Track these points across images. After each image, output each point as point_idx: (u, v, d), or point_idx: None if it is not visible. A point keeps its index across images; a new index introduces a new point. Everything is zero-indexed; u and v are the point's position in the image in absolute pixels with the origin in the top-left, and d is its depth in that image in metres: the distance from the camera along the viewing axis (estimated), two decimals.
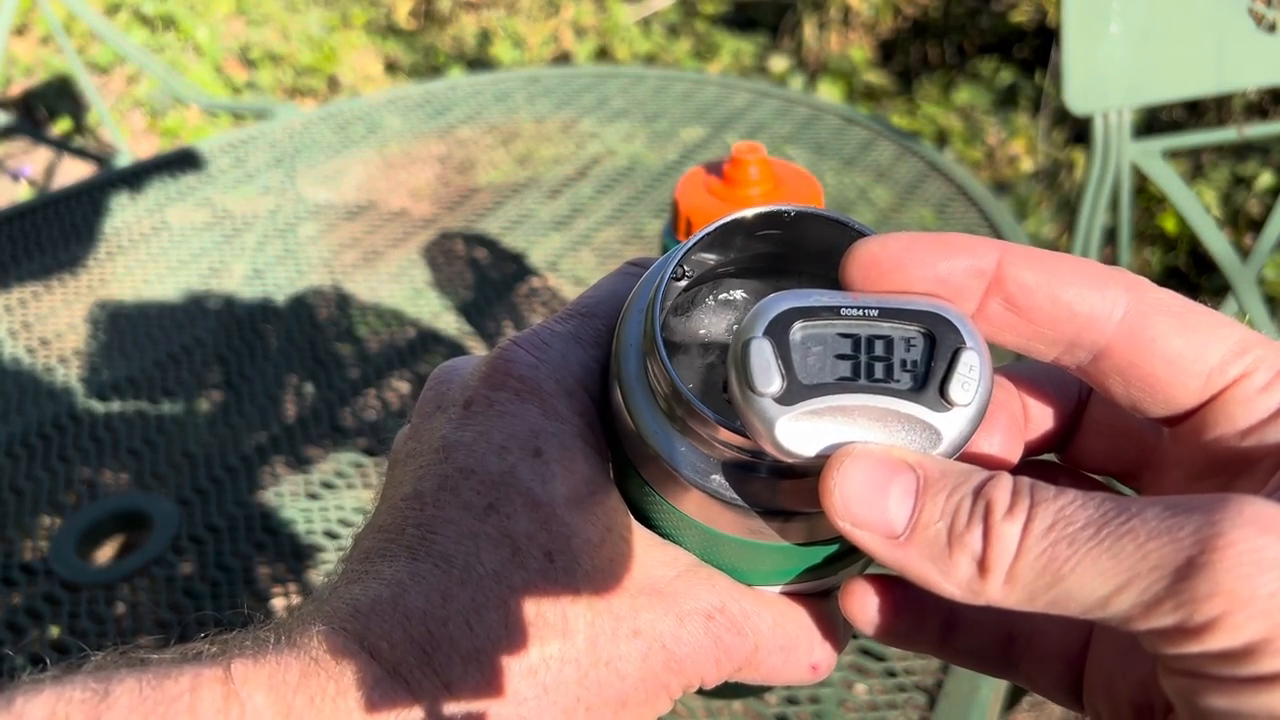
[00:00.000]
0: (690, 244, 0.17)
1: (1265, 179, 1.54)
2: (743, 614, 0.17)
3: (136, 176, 0.76)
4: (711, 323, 0.18)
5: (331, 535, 0.47)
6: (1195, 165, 1.60)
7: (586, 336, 0.18)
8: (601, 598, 0.16)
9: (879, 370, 0.15)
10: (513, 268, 0.65)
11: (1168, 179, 0.69)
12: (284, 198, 0.74)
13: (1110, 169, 0.68)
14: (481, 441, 0.16)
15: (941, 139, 1.77)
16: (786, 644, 0.18)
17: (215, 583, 0.44)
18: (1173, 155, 0.71)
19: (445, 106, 0.85)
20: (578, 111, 0.84)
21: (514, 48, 2.07)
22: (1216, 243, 0.70)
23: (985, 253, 0.15)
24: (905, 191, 0.71)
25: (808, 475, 0.15)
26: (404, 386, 0.55)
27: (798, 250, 0.17)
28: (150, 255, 0.68)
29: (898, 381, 0.15)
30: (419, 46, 2.17)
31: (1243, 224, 1.50)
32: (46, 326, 0.61)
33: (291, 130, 0.82)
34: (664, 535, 0.18)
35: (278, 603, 0.43)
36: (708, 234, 0.17)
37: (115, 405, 0.54)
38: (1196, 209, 0.70)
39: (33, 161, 1.79)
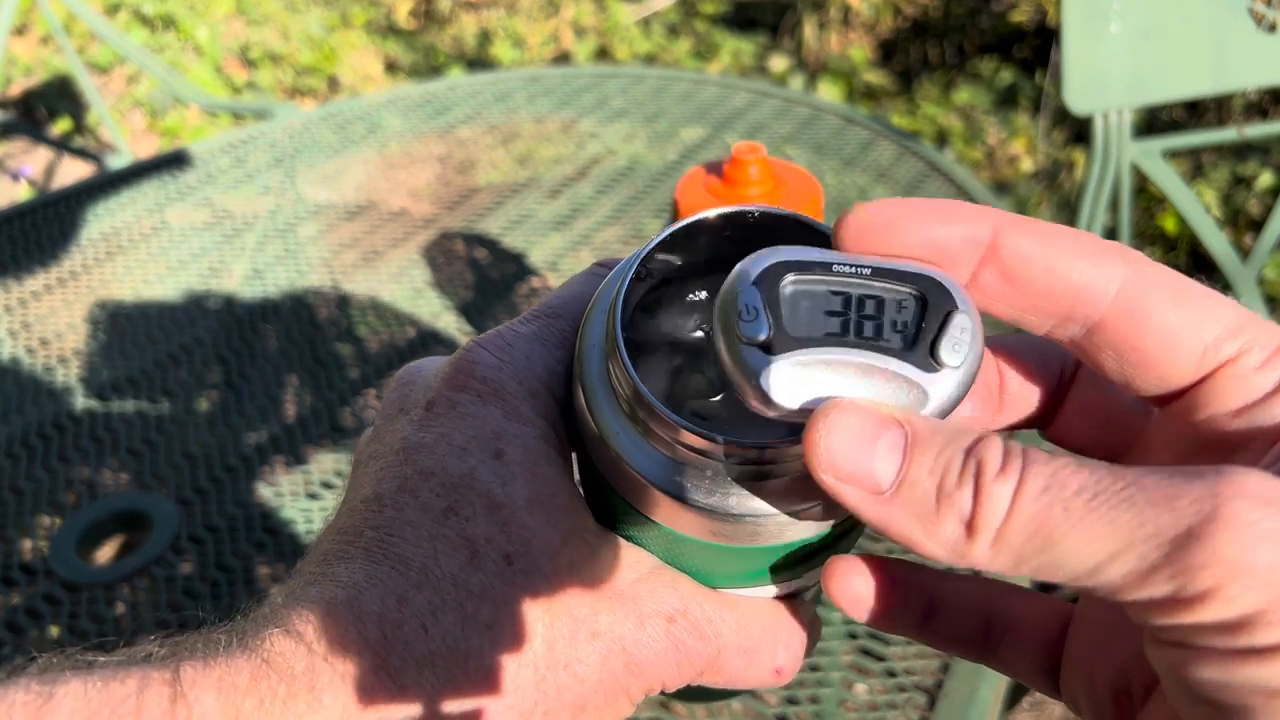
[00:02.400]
0: (653, 244, 0.17)
1: (1265, 179, 1.54)
2: (705, 617, 0.17)
3: (136, 176, 0.76)
4: (676, 324, 0.18)
5: None
6: (1195, 165, 1.60)
7: (551, 338, 0.18)
8: (560, 601, 0.16)
9: (869, 329, 0.14)
10: (513, 268, 0.65)
11: (1168, 179, 0.69)
12: (284, 198, 0.74)
13: (1110, 169, 0.68)
14: (442, 443, 0.16)
15: (941, 139, 1.77)
16: (750, 647, 0.17)
17: (215, 583, 0.44)
18: (1173, 155, 0.71)
19: (445, 106, 0.85)
20: (578, 111, 0.84)
21: (514, 48, 2.07)
22: (1216, 243, 0.70)
23: (981, 221, 0.15)
24: (905, 192, 0.71)
25: (770, 477, 0.15)
26: None
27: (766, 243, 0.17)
28: (150, 255, 0.68)
29: (887, 341, 0.14)
30: (419, 46, 2.17)
31: (1243, 224, 1.50)
32: (46, 326, 0.61)
33: (291, 130, 0.82)
34: (627, 538, 0.17)
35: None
36: (670, 234, 0.17)
37: (115, 405, 0.54)
38: (1196, 209, 0.70)
39: (33, 161, 1.79)
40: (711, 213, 0.17)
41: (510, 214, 0.71)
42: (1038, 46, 1.90)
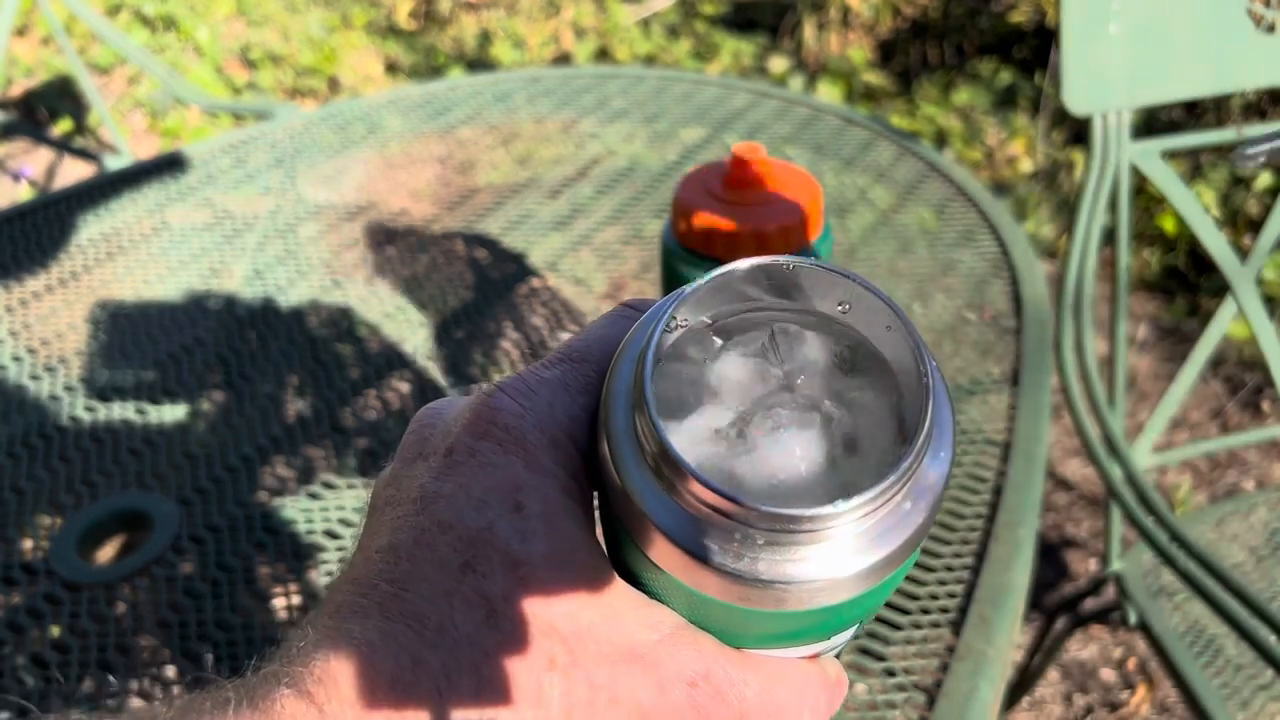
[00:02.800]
0: (685, 294, 0.17)
1: (1264, 179, 1.54)
2: (728, 680, 0.17)
3: (137, 177, 0.77)
4: (705, 375, 0.17)
5: (332, 535, 0.47)
6: (1194, 165, 1.60)
7: (575, 383, 0.18)
8: (578, 664, 0.16)
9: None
10: (513, 268, 0.65)
11: (1167, 179, 0.69)
12: (284, 198, 0.74)
13: (1109, 169, 0.68)
14: (461, 494, 0.16)
15: (941, 140, 1.77)
16: (774, 711, 0.17)
17: (216, 582, 0.44)
18: (1172, 156, 0.71)
19: (445, 107, 0.86)
20: (578, 112, 0.84)
21: (514, 48, 2.07)
22: (1215, 243, 0.70)
23: None
24: (905, 192, 0.71)
25: (800, 545, 0.15)
26: (404, 387, 0.56)
27: (799, 298, 0.17)
28: (151, 256, 0.68)
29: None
30: (419, 47, 2.17)
31: (1242, 224, 1.50)
32: (47, 327, 0.61)
33: (292, 131, 0.82)
34: (650, 594, 0.17)
35: (278, 602, 0.43)
36: (703, 285, 0.16)
37: (116, 405, 0.54)
38: (1195, 209, 0.70)
39: (33, 162, 1.79)
40: (744, 264, 0.17)
41: (510, 214, 0.71)
42: (1037, 47, 1.90)
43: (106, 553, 0.48)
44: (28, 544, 0.47)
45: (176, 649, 0.41)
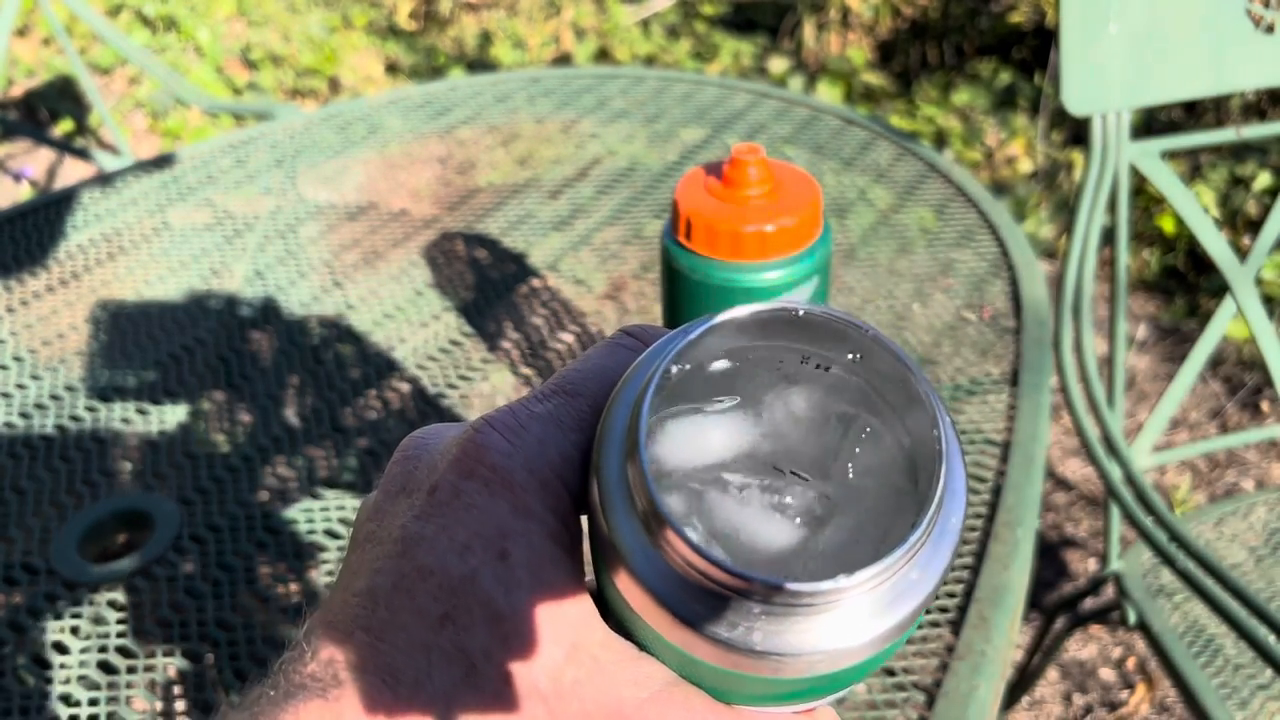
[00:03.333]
0: (688, 337, 0.15)
1: (1263, 179, 1.54)
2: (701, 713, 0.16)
3: (138, 177, 0.77)
4: (707, 431, 0.16)
5: (332, 535, 0.47)
6: (1194, 166, 1.60)
7: (569, 419, 0.16)
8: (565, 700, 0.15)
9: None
10: (513, 268, 0.65)
11: (1166, 180, 0.70)
12: (285, 198, 0.74)
13: (1108, 169, 0.68)
14: (444, 538, 0.15)
15: (940, 140, 1.77)
16: None
17: (216, 582, 0.44)
18: (1171, 156, 0.71)
19: (446, 107, 0.86)
20: (578, 112, 0.84)
21: (514, 49, 2.07)
22: (1215, 243, 0.70)
23: None
24: (904, 192, 0.71)
25: (799, 617, 0.14)
26: (404, 387, 0.56)
27: (809, 345, 0.16)
28: (151, 256, 0.68)
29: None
30: (420, 48, 2.17)
31: (1241, 224, 1.50)
32: (48, 327, 0.61)
33: (292, 131, 0.82)
34: (638, 644, 0.16)
35: (279, 602, 0.43)
36: (706, 329, 0.15)
37: (116, 405, 0.55)
38: (1195, 209, 0.70)
39: (34, 162, 1.79)
40: (747, 310, 0.16)
41: (510, 214, 0.71)
42: (1036, 47, 1.91)
43: (107, 553, 0.48)
44: (28, 544, 0.47)
45: (177, 649, 0.41)
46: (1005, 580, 0.41)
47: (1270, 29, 0.66)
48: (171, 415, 0.54)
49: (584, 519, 0.16)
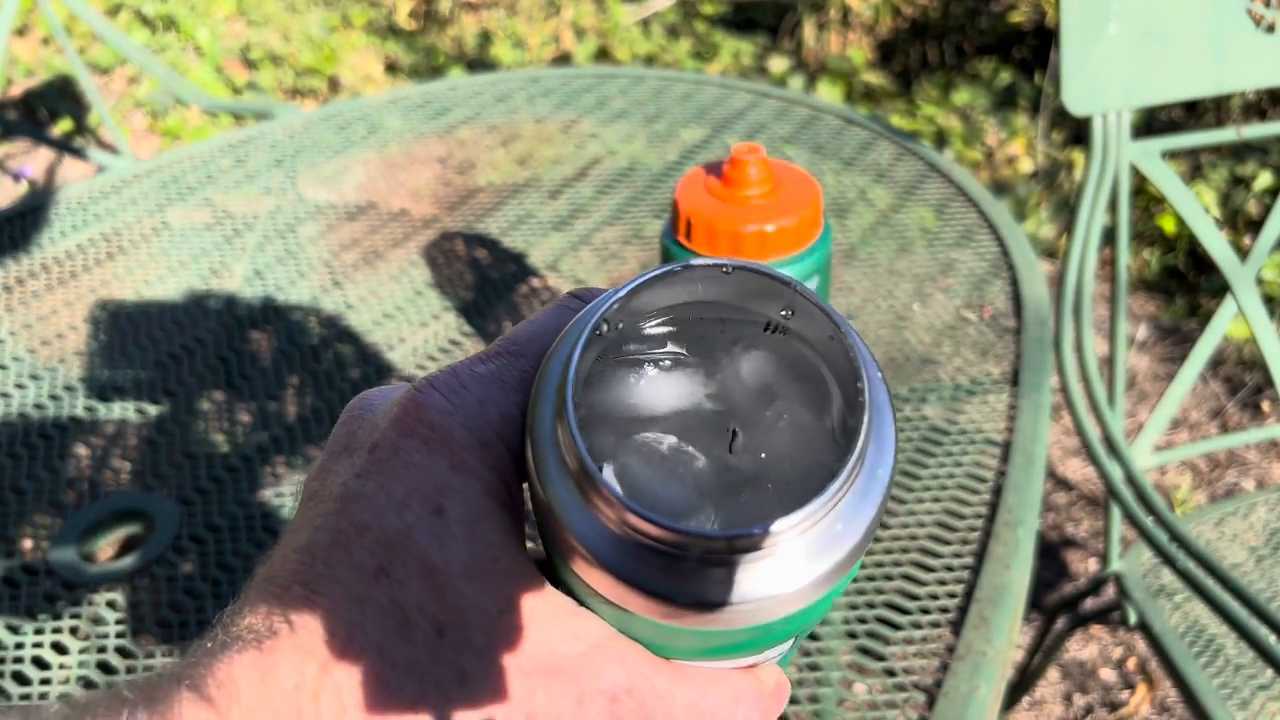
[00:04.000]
0: (618, 295, 0.16)
1: (1264, 179, 1.54)
2: (654, 693, 0.16)
3: (137, 177, 0.77)
4: (636, 384, 0.16)
5: None
6: (1194, 165, 1.60)
7: (510, 379, 0.17)
8: (492, 678, 0.15)
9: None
10: (513, 268, 0.65)
11: (1166, 179, 0.69)
12: (284, 198, 0.74)
13: (1109, 169, 0.68)
14: (381, 495, 0.15)
15: (941, 140, 1.77)
16: (726, 715, 0.17)
17: (216, 582, 0.44)
18: (1172, 155, 0.71)
19: (446, 107, 0.86)
20: (578, 112, 0.84)
21: (514, 48, 2.07)
22: (1215, 243, 0.70)
23: None
24: (905, 192, 0.71)
25: (729, 566, 0.14)
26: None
27: (741, 303, 0.16)
28: (151, 256, 0.68)
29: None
30: (419, 47, 2.17)
31: (1241, 224, 1.50)
32: (48, 327, 0.61)
33: (292, 131, 0.82)
34: (576, 600, 0.16)
35: None
36: (636, 285, 0.16)
37: (116, 405, 0.54)
38: (1195, 209, 0.70)
39: (34, 162, 1.79)
40: (680, 265, 0.16)
41: (510, 214, 0.71)
42: (1036, 47, 1.91)
43: (107, 552, 0.48)
44: (28, 544, 0.47)
45: (177, 649, 0.41)
46: (1006, 580, 0.41)
47: (1271, 28, 0.66)
48: (171, 415, 0.54)
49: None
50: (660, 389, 0.16)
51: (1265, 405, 1.31)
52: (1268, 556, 0.72)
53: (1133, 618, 0.69)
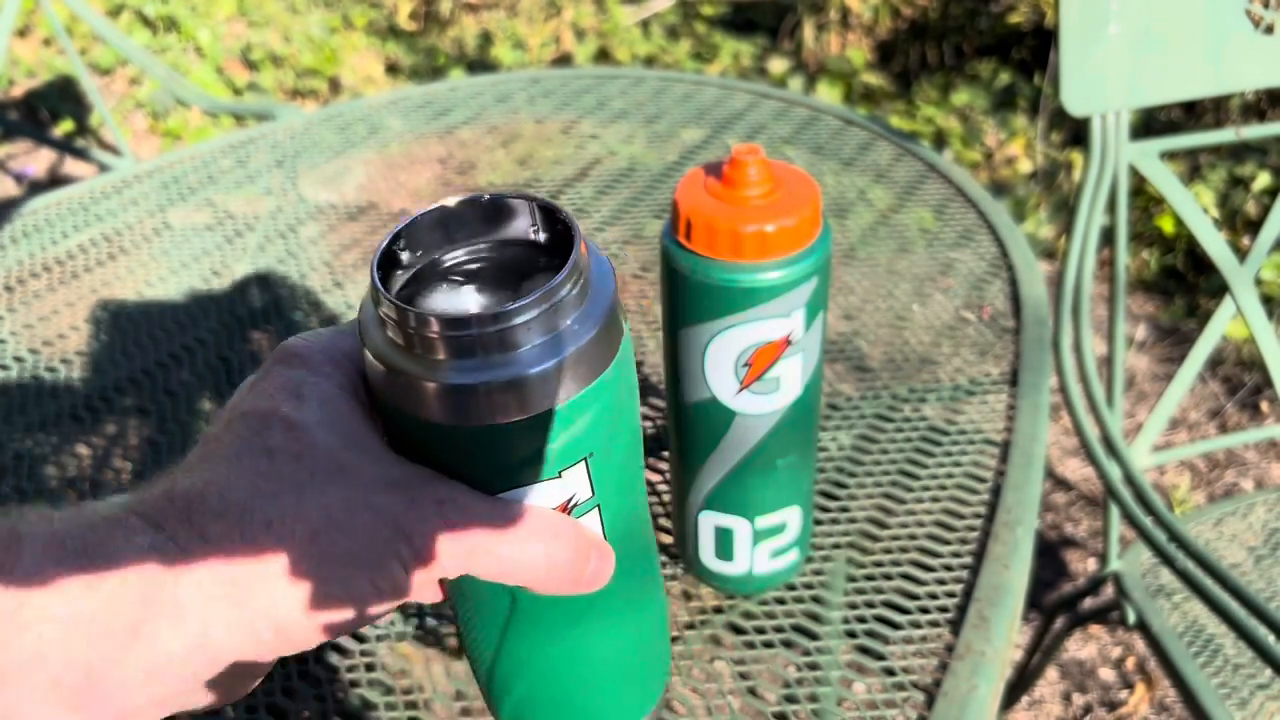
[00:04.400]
0: (407, 222, 0.21)
1: (1262, 180, 1.54)
2: (471, 505, 0.20)
3: (139, 178, 0.77)
4: (430, 287, 0.21)
5: None
6: (1193, 166, 1.60)
7: (353, 331, 0.21)
8: (339, 483, 0.19)
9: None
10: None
11: (1165, 180, 0.70)
12: (285, 199, 0.74)
13: (1108, 170, 0.68)
14: (254, 394, 0.21)
15: (940, 141, 1.77)
16: (518, 537, 0.20)
17: None
18: (1170, 156, 0.72)
19: (446, 108, 0.86)
20: (578, 113, 0.84)
21: (515, 49, 2.07)
22: (1214, 243, 0.70)
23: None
24: (904, 192, 0.71)
25: (476, 354, 0.19)
26: None
27: (503, 219, 0.21)
28: (152, 256, 0.68)
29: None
30: (420, 48, 2.18)
31: (1240, 225, 1.50)
32: (49, 328, 0.61)
33: (293, 131, 0.82)
34: (411, 459, 0.21)
35: None
36: (421, 216, 0.21)
37: (118, 405, 0.55)
38: (1194, 210, 0.70)
39: (35, 162, 1.79)
40: (452, 200, 0.21)
41: None
42: (1035, 48, 1.91)
43: None
44: None
45: None
46: (1005, 580, 0.41)
47: (1269, 29, 0.66)
48: (172, 415, 0.54)
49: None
50: (440, 266, 0.21)
51: (1264, 405, 1.31)
52: (1266, 556, 0.72)
53: (1131, 617, 0.69)
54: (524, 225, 0.21)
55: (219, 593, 0.18)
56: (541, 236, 0.21)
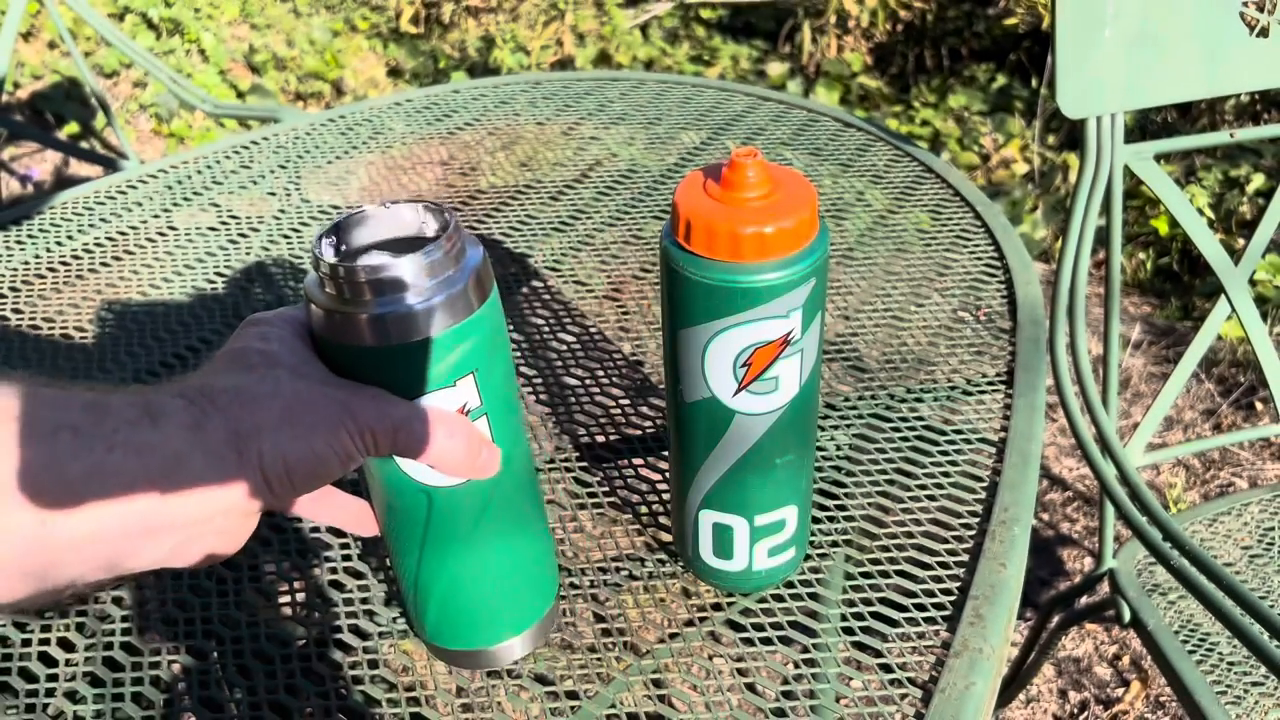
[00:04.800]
0: (339, 220, 0.30)
1: (1257, 181, 1.55)
2: (395, 402, 0.28)
3: (143, 180, 0.77)
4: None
5: (336, 532, 0.47)
6: (1188, 168, 1.61)
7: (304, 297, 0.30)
8: (300, 379, 0.28)
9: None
10: (515, 269, 0.66)
11: (1160, 181, 0.70)
12: (289, 201, 0.74)
13: (1103, 172, 0.69)
14: (234, 341, 0.29)
15: (937, 143, 1.78)
16: (430, 421, 0.28)
17: (221, 579, 0.45)
18: (1165, 158, 0.72)
19: (449, 111, 0.86)
20: (579, 115, 0.85)
21: (516, 53, 2.08)
22: (1208, 245, 0.71)
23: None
24: (901, 194, 0.72)
25: (380, 294, 0.27)
26: None
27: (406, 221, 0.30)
28: (157, 257, 0.68)
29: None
30: (422, 52, 2.18)
31: (1235, 226, 1.51)
32: (54, 328, 0.62)
33: (297, 134, 0.83)
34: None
35: (284, 598, 0.44)
36: (346, 216, 0.30)
37: None
38: (1189, 211, 0.71)
39: (41, 164, 1.80)
40: (370, 207, 0.30)
41: (512, 216, 0.72)
42: (1032, 51, 1.91)
43: None
44: None
45: (182, 646, 0.41)
46: (1001, 578, 0.41)
47: (1264, 32, 0.67)
48: None
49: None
50: (366, 257, 0.30)
51: (1258, 405, 1.32)
52: (1260, 555, 0.73)
53: (1127, 615, 0.70)
54: (424, 221, 0.30)
55: (228, 444, 0.26)
56: (434, 228, 0.30)
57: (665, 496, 0.47)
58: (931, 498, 0.46)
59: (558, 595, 0.38)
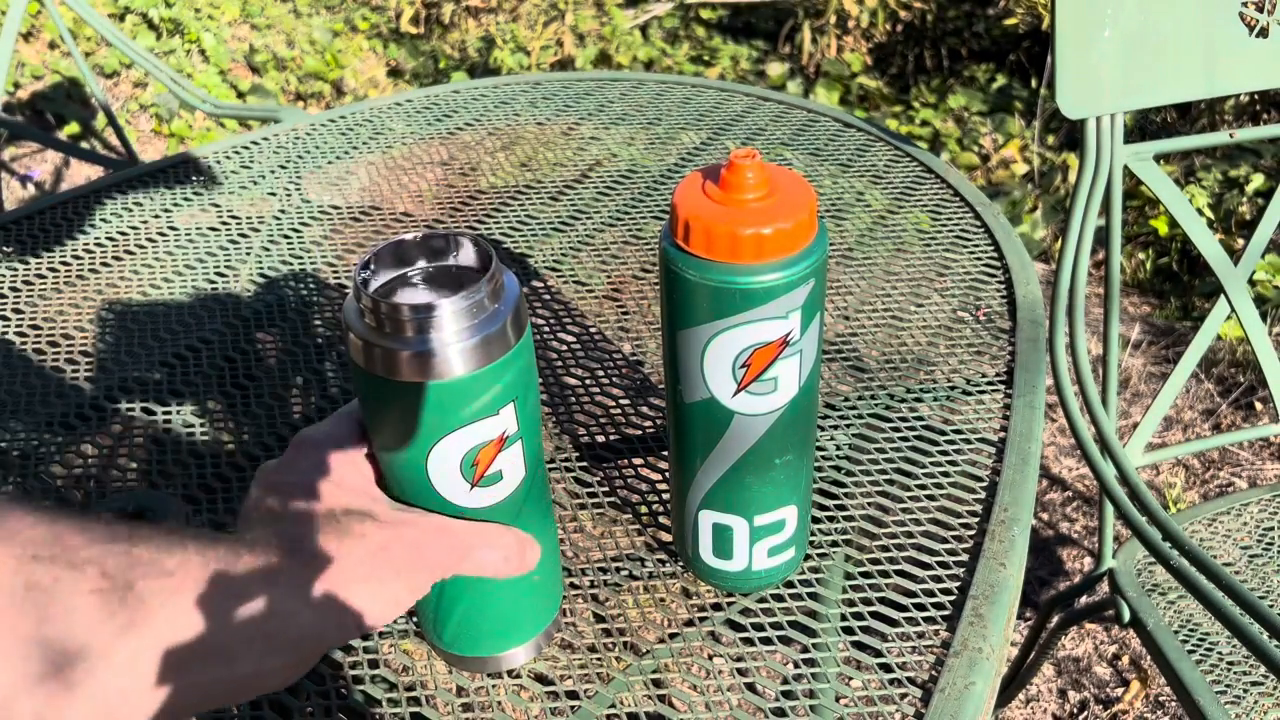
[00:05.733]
0: (376, 250, 0.30)
1: (1256, 181, 1.55)
2: (454, 526, 0.31)
3: (144, 180, 0.77)
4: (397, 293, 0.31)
5: None
6: (1187, 168, 1.61)
7: (347, 413, 0.33)
8: (354, 536, 0.29)
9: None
10: (515, 269, 0.66)
11: (1159, 182, 0.70)
12: (290, 201, 0.75)
13: (1102, 172, 0.69)
14: (283, 465, 0.31)
15: (937, 143, 1.78)
16: (487, 542, 0.31)
17: None
18: (1165, 158, 0.72)
19: (449, 111, 0.87)
20: (579, 116, 0.85)
21: (516, 53, 2.08)
22: (1208, 245, 0.71)
23: None
24: (901, 194, 0.72)
25: (415, 333, 0.28)
26: None
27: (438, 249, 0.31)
28: (158, 258, 0.68)
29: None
30: (422, 52, 2.18)
31: (1234, 226, 1.51)
32: (55, 328, 0.62)
33: (297, 134, 0.83)
34: (383, 456, 0.31)
35: None
36: (383, 247, 0.30)
37: (123, 405, 0.55)
38: (1188, 211, 0.71)
39: (41, 164, 1.80)
40: (411, 235, 0.30)
41: (512, 217, 0.72)
42: (1031, 51, 1.92)
43: None
44: None
45: None
46: (1001, 578, 0.41)
47: (1263, 33, 0.67)
48: (178, 414, 0.54)
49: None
50: (400, 281, 0.31)
51: (1258, 405, 1.32)
52: (1260, 555, 0.73)
53: (1126, 615, 0.70)
54: (460, 249, 0.31)
55: (317, 593, 0.27)
56: (473, 259, 0.31)
57: (665, 496, 0.47)
58: (931, 498, 0.46)
59: (563, 586, 0.39)
